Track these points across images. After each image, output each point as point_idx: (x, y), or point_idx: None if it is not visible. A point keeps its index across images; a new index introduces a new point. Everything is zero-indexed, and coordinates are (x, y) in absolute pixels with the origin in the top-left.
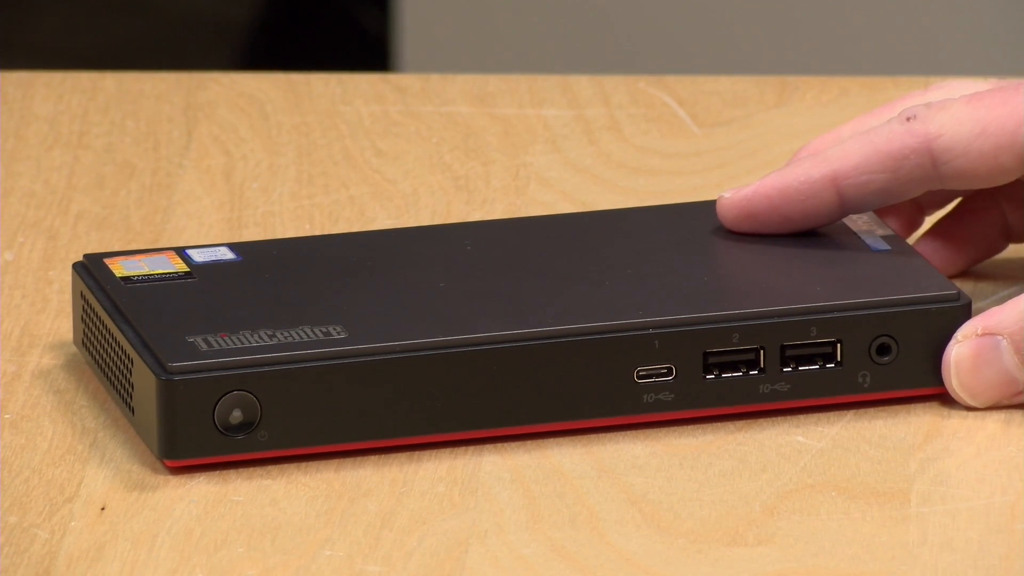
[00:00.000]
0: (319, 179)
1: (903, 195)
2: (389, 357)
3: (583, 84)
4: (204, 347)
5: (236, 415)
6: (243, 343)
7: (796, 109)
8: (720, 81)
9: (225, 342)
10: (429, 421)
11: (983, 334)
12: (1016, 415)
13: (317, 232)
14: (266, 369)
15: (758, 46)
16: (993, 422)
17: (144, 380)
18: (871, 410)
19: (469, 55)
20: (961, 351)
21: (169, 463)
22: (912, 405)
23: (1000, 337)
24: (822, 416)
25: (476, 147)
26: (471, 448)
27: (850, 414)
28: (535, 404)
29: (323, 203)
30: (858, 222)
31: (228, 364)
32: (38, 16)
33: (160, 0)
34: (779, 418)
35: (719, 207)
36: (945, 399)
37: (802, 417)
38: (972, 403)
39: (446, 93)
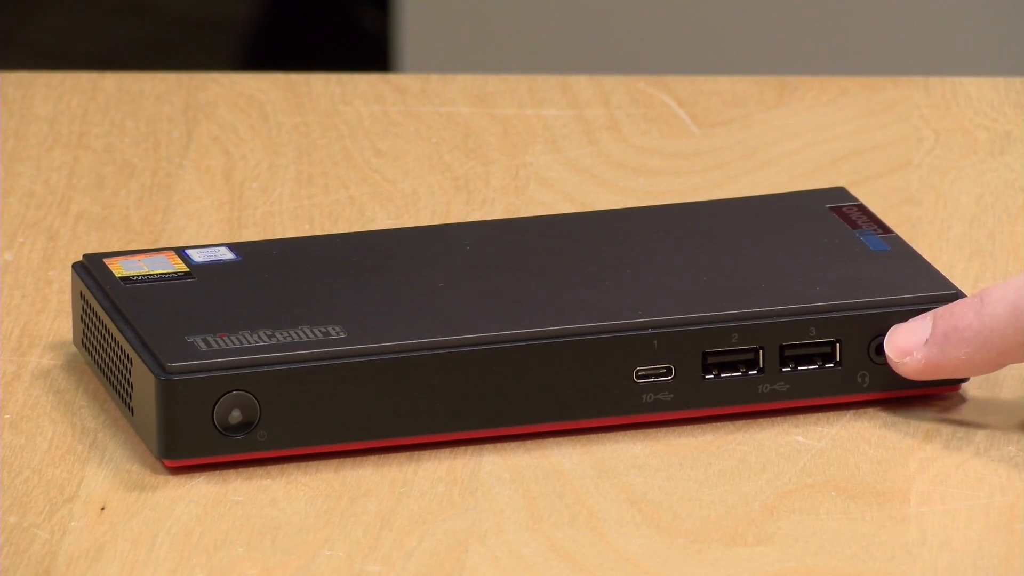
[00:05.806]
0: (319, 179)
1: None
2: (388, 357)
3: (583, 84)
4: (203, 347)
5: (235, 415)
6: (242, 343)
7: (796, 109)
8: (720, 81)
9: (224, 342)
10: (429, 421)
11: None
12: (1016, 415)
13: (317, 232)
14: (265, 369)
15: (758, 46)
16: (993, 422)
17: (143, 380)
18: (871, 410)
19: (469, 55)
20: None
21: (168, 463)
22: (912, 405)
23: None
24: (822, 416)
25: (476, 147)
26: (471, 448)
27: (850, 414)
28: (535, 404)
29: (323, 203)
30: (858, 222)
31: (227, 364)
32: (38, 16)
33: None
34: (779, 418)
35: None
36: (945, 399)
37: (802, 417)
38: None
39: (446, 93)
